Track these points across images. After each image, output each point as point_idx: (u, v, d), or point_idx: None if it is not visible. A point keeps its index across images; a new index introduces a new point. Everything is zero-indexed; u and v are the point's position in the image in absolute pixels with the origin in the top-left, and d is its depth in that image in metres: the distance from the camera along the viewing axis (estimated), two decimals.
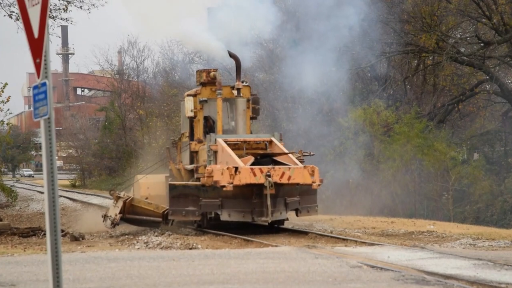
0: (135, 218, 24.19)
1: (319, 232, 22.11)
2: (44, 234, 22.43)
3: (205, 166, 22.75)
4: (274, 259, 15.21)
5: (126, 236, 23.02)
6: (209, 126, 25.03)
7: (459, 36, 48.38)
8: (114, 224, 24.20)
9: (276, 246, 18.64)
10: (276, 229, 23.12)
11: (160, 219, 23.87)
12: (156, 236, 21.57)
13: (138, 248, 19.37)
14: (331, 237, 20.83)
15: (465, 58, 45.34)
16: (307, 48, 37.70)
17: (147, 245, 19.79)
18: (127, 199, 24.00)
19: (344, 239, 20.06)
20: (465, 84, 47.61)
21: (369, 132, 43.36)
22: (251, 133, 25.02)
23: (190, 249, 18.66)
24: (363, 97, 46.84)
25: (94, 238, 23.59)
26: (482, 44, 45.67)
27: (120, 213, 23.89)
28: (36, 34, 7.76)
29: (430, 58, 47.93)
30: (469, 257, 15.41)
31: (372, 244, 18.56)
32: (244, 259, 15.28)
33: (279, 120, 46.64)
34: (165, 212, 23.56)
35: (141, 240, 20.80)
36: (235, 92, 24.56)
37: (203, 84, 24.79)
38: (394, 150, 42.16)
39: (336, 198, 42.84)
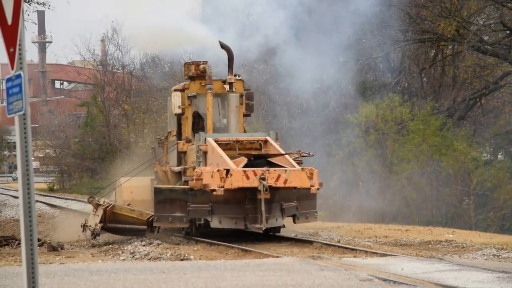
0: (117, 227, 24.28)
1: (325, 241, 22.17)
2: (19, 243, 22.46)
3: (193, 168, 22.88)
4: (275, 271, 15.24)
5: (110, 245, 23.07)
6: (200, 124, 25.13)
7: (482, 22, 48.34)
8: (94, 235, 24.27)
9: (277, 256, 18.69)
10: (277, 238, 23.21)
11: (145, 227, 23.95)
12: (144, 245, 21.63)
13: (124, 259, 19.42)
14: (339, 246, 20.89)
15: (488, 47, 45.35)
16: (311, 36, 37.74)
17: (133, 256, 19.84)
18: (107, 207, 24.07)
19: (353, 249, 20.12)
20: (489, 76, 47.60)
21: (382, 130, 43.39)
22: (245, 131, 25.19)
23: (182, 260, 18.72)
24: (375, 90, 46.86)
25: (74, 248, 23.65)
26: (508, 32, 45.68)
27: (100, 222, 23.94)
28: (9, 20, 7.77)
29: (450, 48, 47.89)
30: (493, 270, 15.44)
31: (384, 255, 18.60)
32: (242, 271, 15.31)
33: (281, 116, 46.68)
34: (150, 219, 23.67)
35: (126, 250, 20.86)
36: (227, 86, 24.67)
37: (191, 78, 24.93)
38: (408, 150, 42.18)
39: (344, 203, 42.87)
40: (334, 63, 43.78)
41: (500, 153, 50.63)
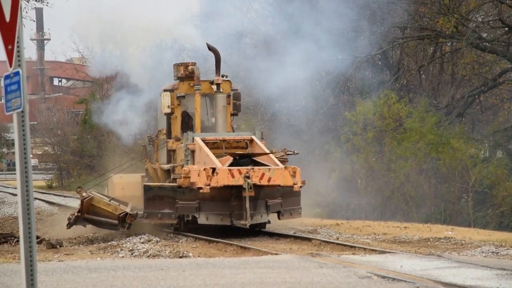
0: (93, 219, 24.91)
1: (324, 239, 22.21)
2: (17, 241, 22.45)
3: (182, 166, 23.67)
4: (274, 268, 15.25)
5: (109, 243, 23.09)
6: (189, 124, 25.84)
7: (480, 19, 48.37)
8: (69, 224, 24.98)
9: (276, 254, 18.70)
10: (276, 235, 23.47)
11: (116, 222, 24.42)
12: (142, 243, 21.67)
13: (123, 257, 19.43)
14: (337, 244, 20.90)
15: (487, 44, 45.36)
16: (309, 33, 37.69)
17: (132, 253, 19.86)
18: (85, 198, 24.77)
19: (351, 247, 20.13)
20: (487, 73, 47.62)
21: (379, 127, 43.39)
22: (233, 130, 26.01)
23: (180, 257, 18.75)
24: (373, 88, 46.88)
25: (73, 245, 23.67)
26: (506, 29, 45.69)
27: (78, 212, 24.74)
28: (7, 18, 7.76)
29: (448, 44, 47.90)
30: (491, 267, 15.45)
31: (383, 252, 18.61)
32: (241, 269, 15.33)
33: (279, 113, 46.68)
34: (121, 215, 24.14)
35: (125, 247, 20.88)
36: (214, 87, 25.40)
37: (180, 79, 25.70)
38: (406, 148, 42.18)
39: (343, 200, 42.89)
40: (332, 60, 43.76)
41: (498, 150, 50.63)
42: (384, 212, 41.58)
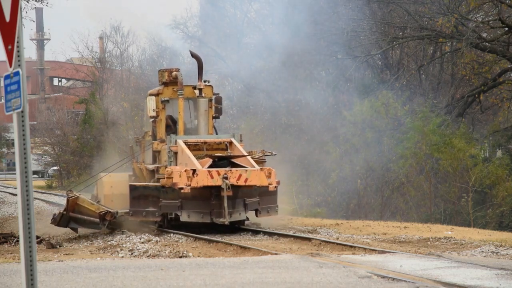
0: (77, 217, 25.66)
1: (324, 239, 22.23)
2: (17, 240, 22.49)
3: (166, 167, 24.98)
4: (274, 268, 15.26)
5: (109, 243, 23.13)
6: (173, 126, 27.08)
7: (480, 19, 48.36)
8: (53, 219, 25.83)
9: (276, 254, 18.72)
10: (276, 235, 23.67)
11: (98, 220, 25.01)
12: (142, 243, 21.71)
13: (122, 257, 19.45)
14: (337, 244, 20.92)
15: (487, 44, 45.34)
16: (310, 34, 37.71)
17: (132, 253, 19.90)
18: (71, 197, 25.67)
19: (351, 246, 20.15)
20: (487, 73, 47.61)
21: (378, 128, 43.38)
22: (216, 132, 27.30)
23: (180, 257, 18.77)
24: (373, 87, 46.88)
25: (73, 245, 23.71)
26: (506, 29, 45.68)
27: (64, 210, 25.63)
28: (7, 18, 7.76)
29: (448, 44, 47.90)
30: (491, 267, 15.46)
31: (383, 252, 18.63)
32: (241, 269, 15.33)
33: (279, 114, 46.68)
34: (102, 213, 24.81)
35: (125, 247, 20.92)
36: (197, 92, 26.74)
37: (165, 84, 27.07)
38: (406, 148, 42.17)
39: (342, 200, 42.89)
40: (333, 60, 43.77)
41: (498, 150, 50.62)
42: (384, 212, 41.58)
